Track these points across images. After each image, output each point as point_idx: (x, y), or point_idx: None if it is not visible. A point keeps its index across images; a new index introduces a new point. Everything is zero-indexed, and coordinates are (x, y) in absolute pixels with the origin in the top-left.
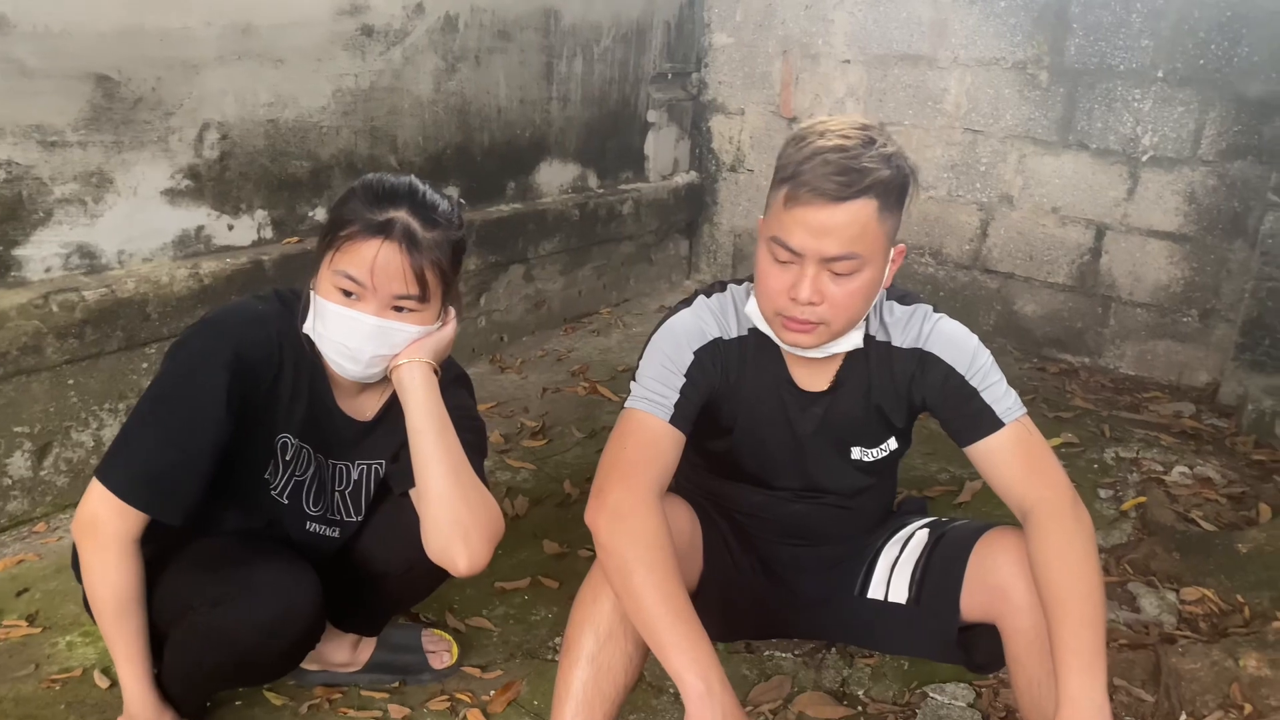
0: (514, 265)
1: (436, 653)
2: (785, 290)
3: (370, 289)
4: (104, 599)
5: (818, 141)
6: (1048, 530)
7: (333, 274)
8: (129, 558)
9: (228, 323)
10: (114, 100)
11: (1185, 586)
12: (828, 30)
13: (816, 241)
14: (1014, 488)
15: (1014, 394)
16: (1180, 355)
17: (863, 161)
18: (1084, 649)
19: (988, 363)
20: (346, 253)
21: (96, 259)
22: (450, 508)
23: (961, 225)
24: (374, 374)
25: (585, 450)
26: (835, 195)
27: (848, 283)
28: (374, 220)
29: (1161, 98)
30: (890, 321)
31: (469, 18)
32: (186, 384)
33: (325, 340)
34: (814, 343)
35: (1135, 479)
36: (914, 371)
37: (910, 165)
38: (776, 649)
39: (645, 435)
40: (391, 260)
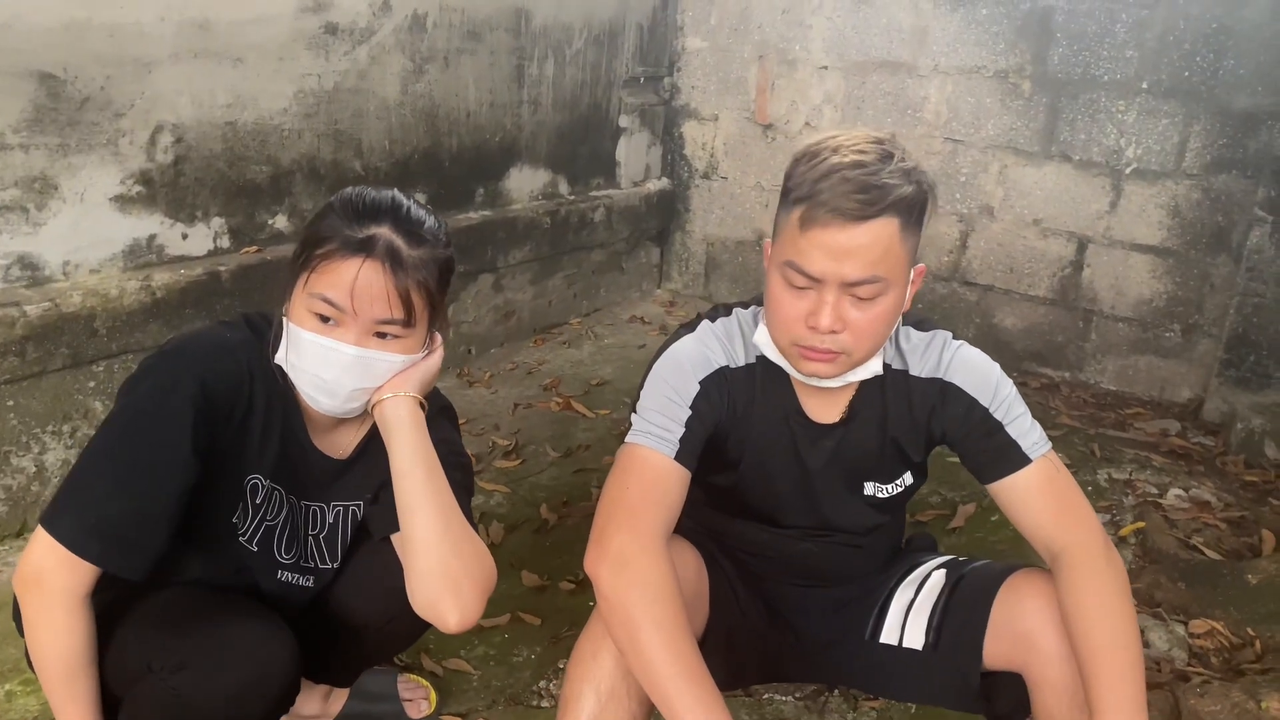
0: (483, 274)
1: (413, 701)
2: (803, 318)
3: (350, 313)
4: (50, 661)
5: (833, 158)
6: (1081, 575)
7: (308, 298)
8: (79, 616)
9: (192, 353)
10: (59, 100)
11: (1193, 619)
12: (805, 35)
13: (837, 265)
14: (1043, 529)
15: (1039, 428)
16: (1162, 371)
17: (883, 178)
18: (1124, 704)
19: (1012, 394)
20: (324, 274)
21: (39, 270)
22: (439, 558)
23: (941, 236)
24: (353, 409)
25: (561, 471)
26: (856, 215)
27: (870, 308)
28: (354, 238)
29: (1146, 109)
30: (907, 349)
31: (438, 17)
32: (147, 421)
33: (299, 372)
34: (835, 373)
35: (1131, 502)
36: (934, 403)
37: (929, 180)
38: (776, 692)
39: (649, 474)
40: (374, 281)
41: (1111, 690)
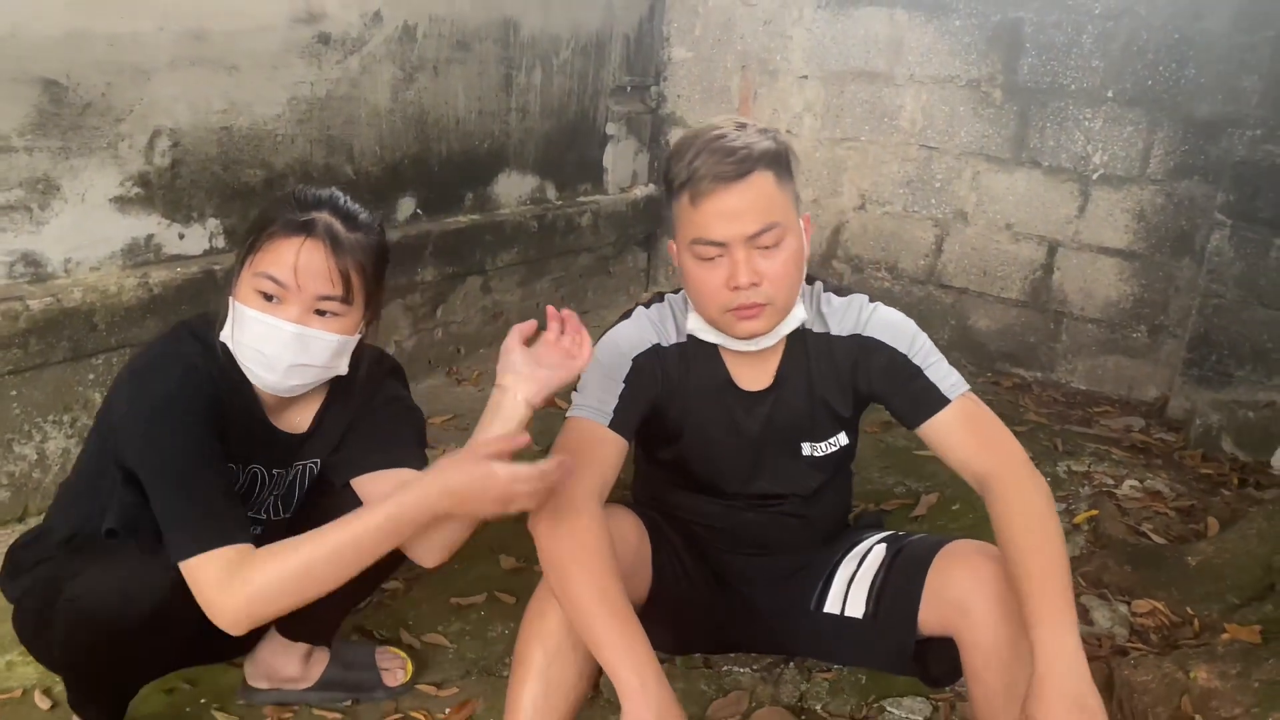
0: (471, 276)
1: (390, 670)
2: (723, 284)
3: (294, 289)
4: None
5: (697, 142)
6: (1006, 495)
7: (253, 277)
8: (246, 577)
9: (186, 375)
10: (61, 105)
11: (1137, 599)
12: (786, 46)
13: (735, 225)
14: (969, 461)
15: (956, 372)
16: (1130, 370)
17: (743, 139)
18: (1052, 600)
19: (927, 344)
20: (268, 253)
21: (42, 267)
22: (455, 541)
23: (917, 240)
24: (292, 385)
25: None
26: (734, 174)
27: (777, 254)
28: (296, 219)
29: (1111, 117)
30: (828, 312)
31: (427, 27)
32: (186, 452)
33: (242, 347)
34: (767, 325)
35: (1087, 492)
36: (856, 358)
37: (784, 139)
38: (734, 664)
39: (585, 441)
40: (315, 258)
41: (1040, 589)
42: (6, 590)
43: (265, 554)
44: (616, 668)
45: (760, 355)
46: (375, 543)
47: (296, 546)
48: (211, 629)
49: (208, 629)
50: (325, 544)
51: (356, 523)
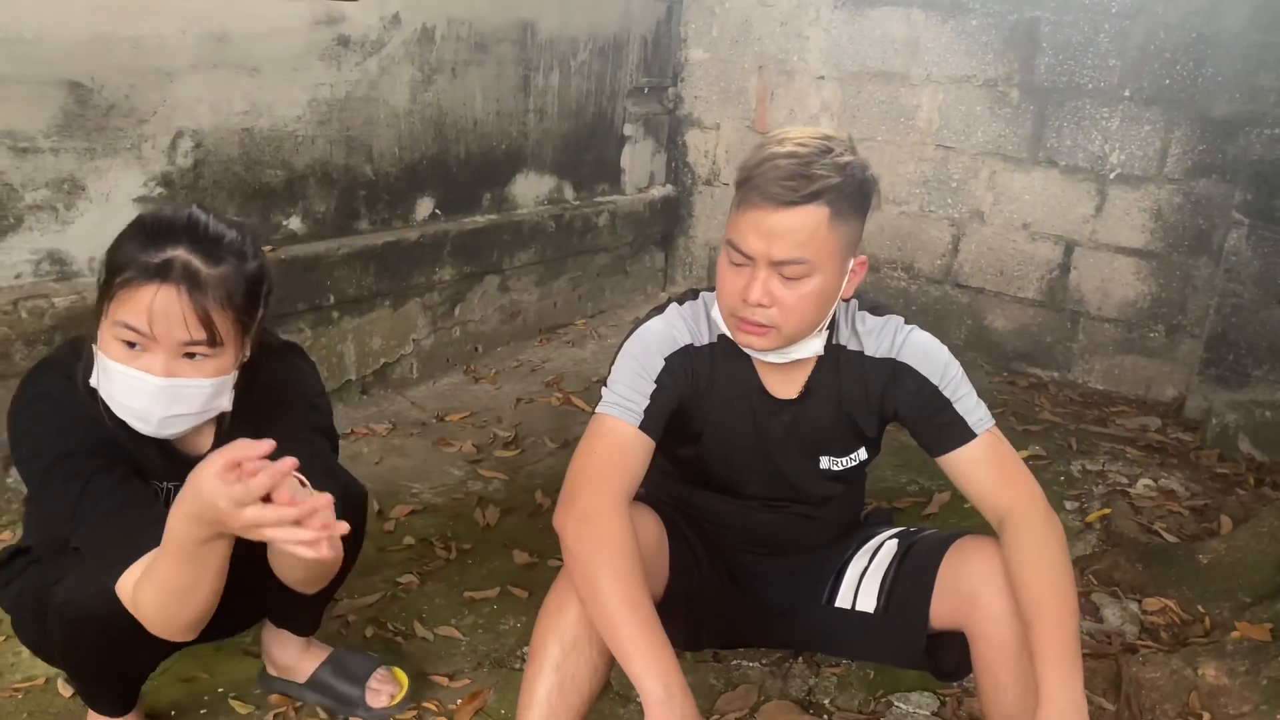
0: (489, 276)
1: (379, 691)
2: (739, 292)
3: (152, 338)
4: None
5: (773, 148)
6: (1023, 535)
7: (112, 325)
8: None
9: (56, 413)
10: (87, 107)
11: (1148, 597)
12: (803, 47)
13: (765, 244)
14: (988, 496)
15: (983, 405)
16: (1147, 370)
17: (814, 169)
18: (1062, 648)
19: (959, 374)
20: (123, 302)
21: (67, 266)
22: (300, 581)
23: (933, 240)
24: (174, 433)
25: (558, 460)
26: (783, 199)
27: (798, 287)
28: (150, 263)
29: (1128, 116)
30: (863, 331)
31: (446, 30)
32: (76, 488)
33: (111, 400)
34: (766, 345)
35: (1101, 491)
36: (886, 381)
37: (869, 175)
38: (744, 658)
39: (615, 441)
40: (171, 305)
41: (1052, 635)
42: (1, 600)
43: (140, 577)
44: (642, 677)
45: (791, 365)
46: (184, 557)
47: (153, 567)
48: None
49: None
50: (162, 563)
51: (166, 542)
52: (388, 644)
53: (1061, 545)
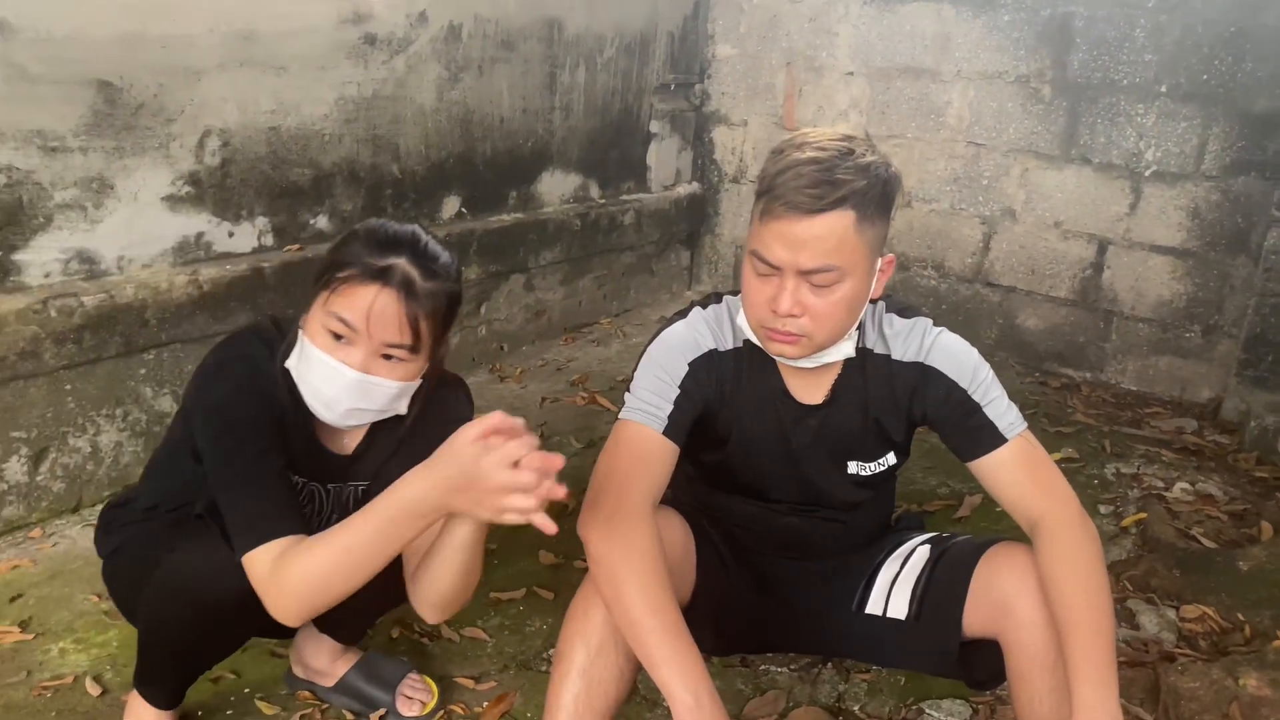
0: (514, 274)
1: (411, 700)
2: (767, 303)
3: (363, 334)
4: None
5: (794, 154)
6: (1057, 542)
7: (325, 315)
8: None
9: (252, 378)
10: (115, 106)
11: (1185, 604)
12: (831, 43)
13: (792, 254)
14: (1020, 502)
15: (1015, 409)
16: (1183, 371)
17: (837, 173)
18: (1097, 659)
19: (989, 377)
20: (343, 295)
21: (96, 264)
22: (449, 597)
23: (964, 238)
24: (349, 425)
25: (584, 461)
26: (809, 208)
27: (828, 294)
28: (374, 265)
29: (1165, 113)
30: (890, 334)
31: (472, 27)
32: (240, 453)
33: (304, 383)
34: (799, 353)
35: (1136, 495)
36: (915, 385)
37: (893, 173)
38: (772, 663)
39: (638, 446)
40: (388, 307)
41: (1087, 645)
42: (99, 545)
43: (305, 544)
44: (670, 683)
45: (816, 370)
46: (394, 528)
47: (330, 535)
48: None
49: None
50: (354, 532)
51: (373, 512)
52: (414, 645)
53: (1097, 552)
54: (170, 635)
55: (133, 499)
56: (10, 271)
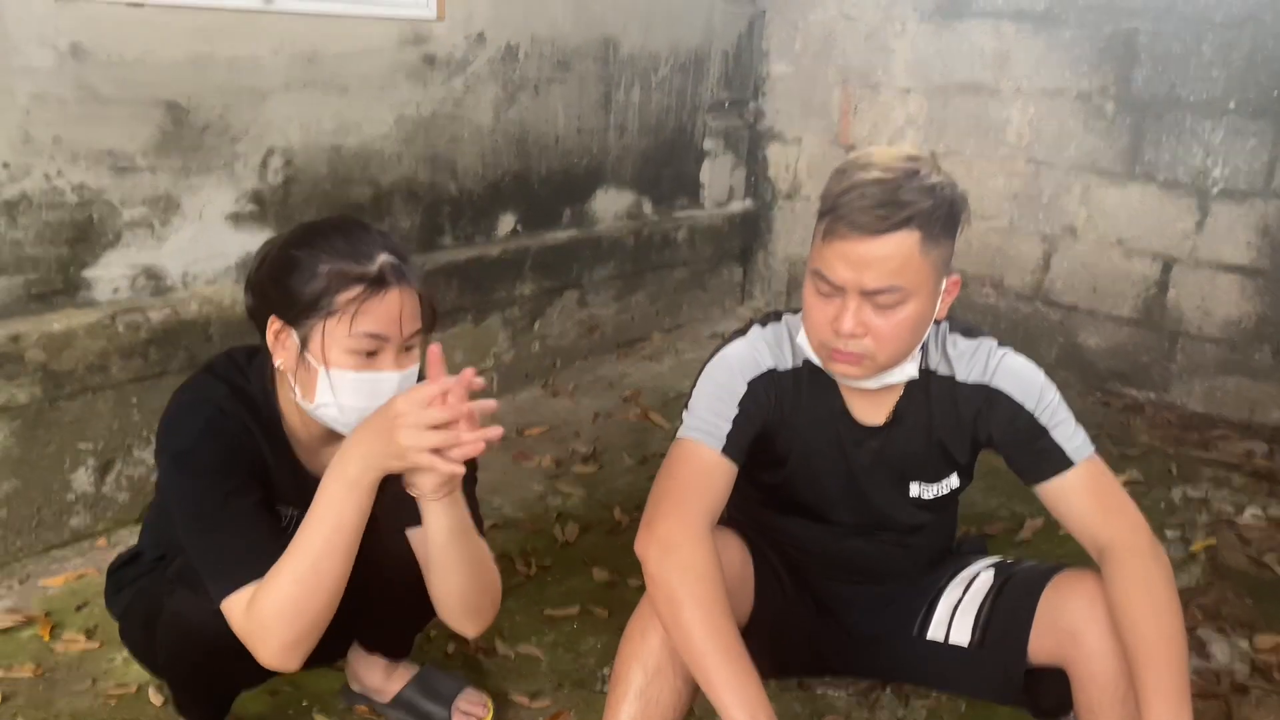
0: (568, 290)
1: (468, 715)
2: (829, 323)
3: (396, 338)
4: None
5: (858, 174)
6: (1127, 569)
7: (352, 339)
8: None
9: (213, 422)
10: (183, 127)
11: (1259, 634)
12: (888, 60)
13: (856, 274)
14: (1089, 527)
15: (1083, 432)
16: (1252, 393)
17: (902, 194)
18: (1171, 691)
19: (1055, 400)
20: (364, 315)
21: (162, 281)
22: (469, 602)
23: (1023, 256)
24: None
25: (636, 477)
26: (873, 228)
27: (892, 315)
28: (370, 273)
29: (1233, 129)
30: (954, 355)
31: (529, 48)
32: (202, 502)
33: (348, 411)
34: (861, 374)
35: (1204, 520)
36: (980, 407)
37: (959, 193)
38: (829, 687)
39: (697, 465)
40: (407, 303)
41: (1160, 678)
42: (112, 606)
43: (265, 580)
44: (730, 708)
45: (878, 391)
46: (344, 518)
47: (285, 560)
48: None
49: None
50: (308, 544)
51: (315, 514)
52: (468, 660)
53: (1169, 581)
54: (188, 674)
55: (138, 554)
56: (80, 288)
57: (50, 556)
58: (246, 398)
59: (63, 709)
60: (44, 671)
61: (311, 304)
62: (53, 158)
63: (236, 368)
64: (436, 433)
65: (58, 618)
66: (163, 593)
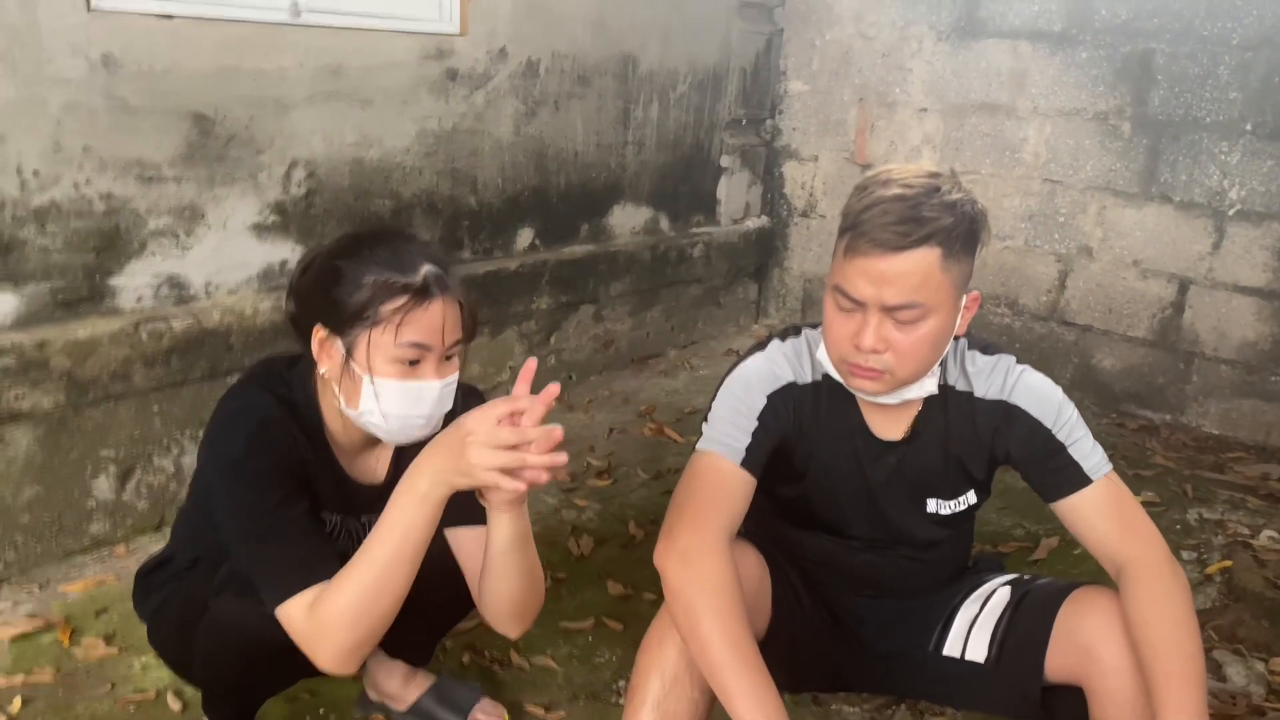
0: (584, 305)
1: None
2: (850, 338)
3: (438, 348)
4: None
5: (879, 190)
6: (1145, 587)
7: (396, 348)
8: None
9: (261, 429)
10: (209, 138)
11: (1275, 656)
12: (905, 79)
13: (876, 290)
14: (1107, 545)
15: (1100, 449)
16: (1269, 415)
17: (923, 211)
18: (1190, 710)
19: (1073, 417)
20: (408, 324)
21: (185, 290)
22: (521, 605)
23: (1039, 276)
24: (426, 435)
25: (650, 491)
26: (894, 245)
27: (912, 331)
28: (414, 284)
29: (1250, 151)
30: (972, 372)
31: (550, 63)
32: (255, 508)
33: (392, 419)
34: (881, 389)
35: (1220, 541)
36: (998, 424)
37: (979, 210)
38: (844, 703)
39: (716, 478)
40: (449, 314)
41: (1179, 696)
42: (140, 609)
43: (335, 581)
44: (746, 718)
45: (897, 406)
46: (412, 530)
47: (352, 566)
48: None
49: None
50: (376, 552)
51: (385, 524)
52: (484, 671)
53: (1186, 599)
54: (227, 676)
55: (168, 559)
56: (105, 295)
57: (70, 563)
58: (290, 406)
59: (82, 713)
60: (63, 676)
61: (357, 314)
62: (81, 167)
63: (278, 377)
64: (505, 453)
65: (77, 623)
66: (204, 596)
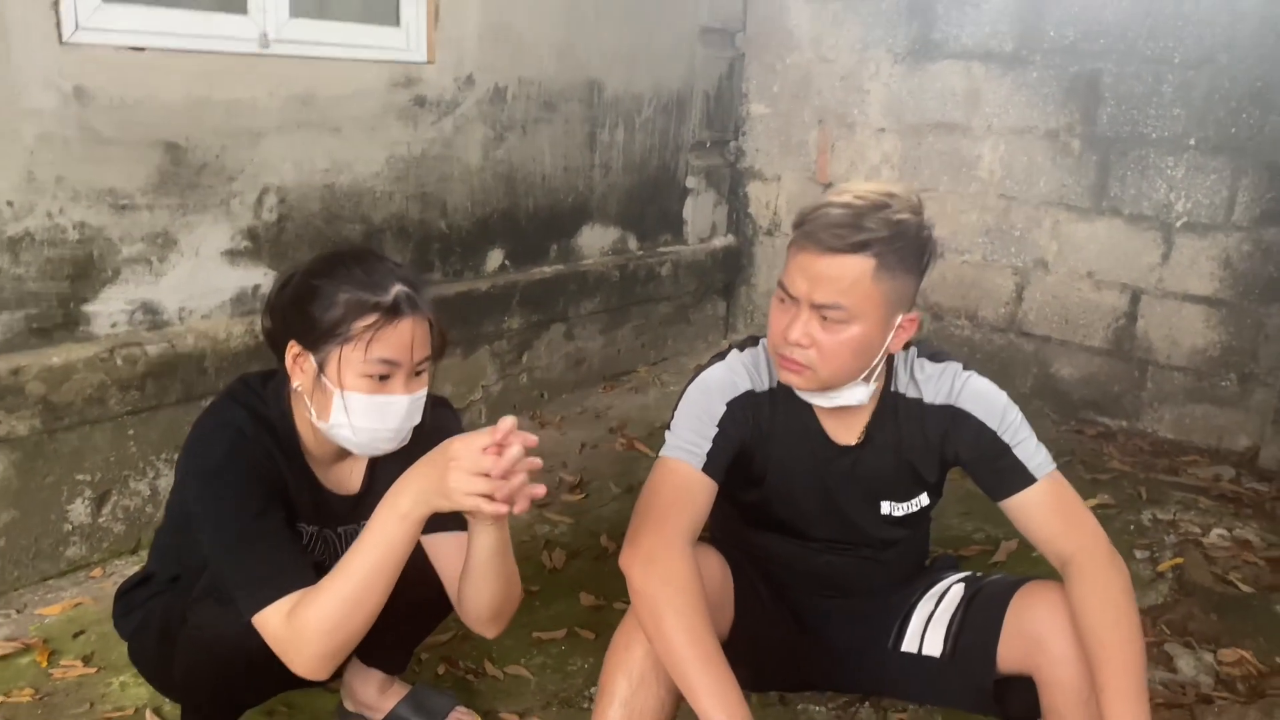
0: (555, 324)
1: None
2: (782, 330)
3: (407, 365)
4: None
5: (832, 198)
6: (1087, 578)
7: (365, 364)
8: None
9: (238, 443)
10: (181, 166)
11: (1223, 648)
12: (863, 100)
13: (809, 287)
14: (1051, 540)
15: (1044, 449)
16: (1219, 419)
17: (865, 221)
18: (1128, 691)
19: (1018, 419)
20: (379, 341)
21: (159, 315)
22: (498, 608)
23: (997, 289)
24: (393, 448)
25: (622, 505)
26: (829, 246)
27: (836, 332)
28: (385, 302)
29: (1194, 165)
30: (921, 378)
31: (516, 89)
32: (234, 517)
33: (359, 431)
34: (804, 385)
35: (1172, 540)
36: (946, 427)
37: (925, 234)
38: (810, 701)
39: (678, 482)
40: (419, 331)
41: (1119, 679)
42: (120, 628)
43: (314, 589)
44: (710, 713)
45: (849, 411)
46: (392, 547)
47: (331, 577)
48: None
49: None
50: (356, 565)
51: (366, 540)
52: (459, 681)
53: (1126, 588)
54: (207, 687)
55: (148, 577)
56: (80, 322)
57: (46, 586)
58: (265, 421)
59: None
60: (42, 696)
61: (330, 330)
62: (55, 196)
63: (254, 392)
64: (485, 480)
65: (55, 645)
66: (183, 608)
